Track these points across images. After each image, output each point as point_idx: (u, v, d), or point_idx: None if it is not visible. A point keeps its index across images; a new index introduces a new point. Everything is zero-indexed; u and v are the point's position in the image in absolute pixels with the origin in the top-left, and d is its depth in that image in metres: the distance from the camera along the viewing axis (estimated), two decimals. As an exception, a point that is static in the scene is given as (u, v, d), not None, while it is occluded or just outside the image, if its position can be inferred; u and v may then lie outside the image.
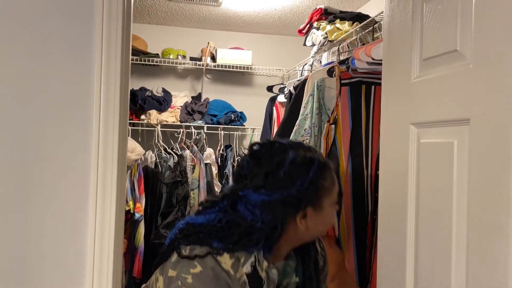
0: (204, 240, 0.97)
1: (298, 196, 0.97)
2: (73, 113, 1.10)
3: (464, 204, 0.86)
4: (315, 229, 1.03)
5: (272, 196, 0.96)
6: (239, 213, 0.99)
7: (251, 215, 0.97)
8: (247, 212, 0.98)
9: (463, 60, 0.88)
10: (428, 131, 0.99)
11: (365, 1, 2.88)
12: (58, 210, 1.09)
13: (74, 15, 1.11)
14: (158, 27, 3.50)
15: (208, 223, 0.99)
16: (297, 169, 0.98)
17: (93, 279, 1.07)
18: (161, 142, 3.15)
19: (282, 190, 0.96)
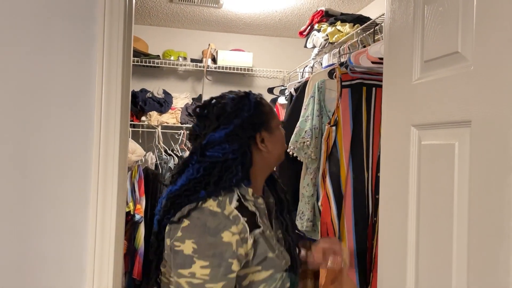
0: (192, 196, 1.06)
1: (250, 119, 1.14)
2: (74, 115, 1.10)
3: (465, 206, 0.85)
4: (275, 150, 1.19)
5: (231, 126, 1.12)
6: (211, 156, 1.11)
7: (221, 151, 1.10)
8: (217, 151, 1.11)
9: (464, 62, 0.88)
10: (429, 133, 0.99)
11: (366, 3, 2.88)
12: (59, 211, 1.09)
13: (75, 17, 1.11)
14: (159, 29, 3.50)
15: (190, 179, 1.09)
16: (240, 101, 1.15)
17: (93, 280, 1.07)
18: (161, 144, 3.15)
19: (236, 119, 1.12)
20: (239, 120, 1.12)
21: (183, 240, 1.01)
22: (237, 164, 1.10)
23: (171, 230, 1.04)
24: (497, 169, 0.77)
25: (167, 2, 2.96)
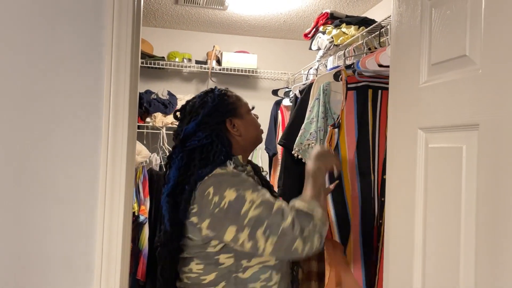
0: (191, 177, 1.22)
1: (215, 108, 1.32)
2: (83, 116, 1.11)
3: (473, 210, 0.85)
4: (248, 132, 1.38)
5: (199, 117, 1.30)
6: (190, 147, 1.28)
7: (196, 139, 1.27)
8: (193, 140, 1.28)
9: (472, 65, 0.89)
10: (436, 136, 0.99)
11: (371, 6, 2.89)
12: (67, 212, 1.10)
13: (84, 20, 1.12)
14: (164, 31, 3.51)
15: (178, 169, 1.26)
16: (205, 95, 1.36)
17: (100, 280, 1.07)
18: (166, 145, 3.15)
19: (202, 110, 1.31)
20: (206, 110, 1.31)
21: (222, 196, 1.16)
22: (217, 145, 1.27)
23: (201, 209, 1.18)
24: (505, 173, 0.77)
25: (172, 4, 2.97)
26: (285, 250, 1.14)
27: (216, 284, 1.20)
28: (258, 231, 1.13)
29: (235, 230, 1.14)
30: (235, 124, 1.35)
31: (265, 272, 1.23)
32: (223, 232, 1.16)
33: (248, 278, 1.21)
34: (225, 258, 1.20)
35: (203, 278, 1.21)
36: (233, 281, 1.20)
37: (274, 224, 1.14)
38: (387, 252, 1.17)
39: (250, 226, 1.13)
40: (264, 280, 1.23)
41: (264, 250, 1.14)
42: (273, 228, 1.13)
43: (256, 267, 1.22)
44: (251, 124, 1.40)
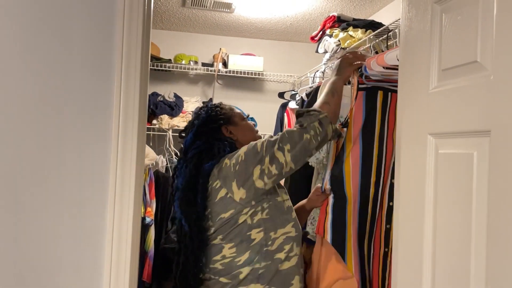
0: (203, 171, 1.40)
1: (209, 118, 1.51)
2: (93, 120, 1.12)
3: (484, 217, 0.85)
4: (245, 136, 1.53)
5: (194, 127, 1.50)
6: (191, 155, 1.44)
7: (196, 148, 1.45)
8: (193, 149, 1.45)
9: (483, 71, 0.88)
10: (446, 141, 0.99)
11: (378, 9, 2.88)
12: (77, 214, 1.11)
13: (94, 24, 1.13)
14: (171, 33, 3.53)
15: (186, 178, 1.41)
16: (200, 110, 1.57)
17: (110, 284, 1.08)
18: (172, 147, 3.16)
19: (196, 121, 1.52)
20: (200, 120, 1.51)
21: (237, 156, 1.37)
22: (218, 144, 1.44)
23: (224, 179, 1.35)
24: (517, 180, 0.77)
25: (179, 7, 2.98)
26: (300, 146, 1.32)
27: (250, 262, 1.33)
28: (274, 149, 1.32)
29: (259, 167, 1.32)
30: (231, 130, 1.52)
31: (288, 243, 1.37)
32: (251, 176, 1.32)
33: (275, 250, 1.35)
34: (256, 232, 1.34)
35: (237, 260, 1.33)
36: (263, 255, 1.33)
37: (283, 137, 1.34)
38: (395, 258, 1.17)
39: (267, 152, 1.33)
40: (287, 251, 1.36)
41: (286, 161, 1.32)
42: (283, 139, 1.34)
43: (281, 238, 1.36)
44: (246, 129, 1.57)
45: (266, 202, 1.37)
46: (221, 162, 1.40)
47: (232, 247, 1.34)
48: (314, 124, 1.34)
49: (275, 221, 1.37)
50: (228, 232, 1.35)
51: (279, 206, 1.40)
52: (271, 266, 1.34)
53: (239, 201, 1.34)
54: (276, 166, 1.33)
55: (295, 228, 1.41)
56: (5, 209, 1.09)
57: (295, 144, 1.32)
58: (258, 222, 1.35)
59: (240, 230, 1.34)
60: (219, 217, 1.35)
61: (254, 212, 1.35)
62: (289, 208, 1.43)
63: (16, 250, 1.09)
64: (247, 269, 1.32)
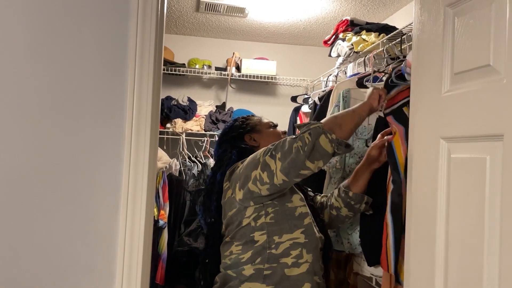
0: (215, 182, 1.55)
1: (231, 129, 1.65)
2: (107, 123, 1.14)
3: (497, 222, 0.84)
4: (268, 141, 1.56)
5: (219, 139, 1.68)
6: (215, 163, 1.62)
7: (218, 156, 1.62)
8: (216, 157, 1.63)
9: (496, 75, 0.87)
10: (459, 146, 0.98)
11: (391, 12, 2.87)
12: (90, 216, 1.13)
13: (109, 26, 1.15)
14: (185, 38, 3.57)
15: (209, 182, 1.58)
16: (227, 124, 1.71)
17: (122, 285, 1.09)
18: (185, 150, 3.19)
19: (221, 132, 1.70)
20: (222, 131, 1.68)
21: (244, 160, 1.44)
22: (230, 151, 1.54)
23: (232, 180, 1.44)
24: (531, 185, 0.76)
25: (193, 12, 3.02)
26: (288, 156, 1.30)
27: (253, 261, 1.37)
28: (266, 157, 1.35)
29: (255, 171, 1.36)
30: (254, 138, 1.62)
31: (296, 249, 1.38)
32: (249, 179, 1.36)
33: (280, 254, 1.36)
34: (259, 235, 1.38)
35: (241, 257, 1.39)
36: (266, 256, 1.36)
37: (277, 145, 1.36)
38: (407, 264, 1.16)
39: (262, 157, 1.36)
40: (295, 256, 1.37)
41: (276, 169, 1.32)
42: (276, 147, 1.35)
43: (287, 243, 1.37)
44: (270, 135, 1.63)
45: (272, 207, 1.40)
46: (235, 165, 1.49)
47: (238, 245, 1.41)
48: (304, 135, 1.31)
49: (281, 226, 1.39)
50: (235, 232, 1.43)
51: (288, 211, 1.41)
52: (277, 269, 1.36)
53: (238, 201, 1.41)
54: (267, 174, 1.33)
55: (305, 234, 1.40)
56: (19, 211, 1.11)
57: (285, 153, 1.32)
58: (261, 225, 1.39)
59: (245, 231, 1.41)
60: (227, 215, 1.45)
61: (258, 215, 1.40)
62: (302, 215, 1.43)
63: (30, 251, 1.12)
64: (250, 267, 1.37)
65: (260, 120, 1.69)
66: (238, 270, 1.39)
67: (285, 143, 1.34)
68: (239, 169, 1.44)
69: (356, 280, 2.07)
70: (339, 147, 1.32)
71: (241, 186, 1.40)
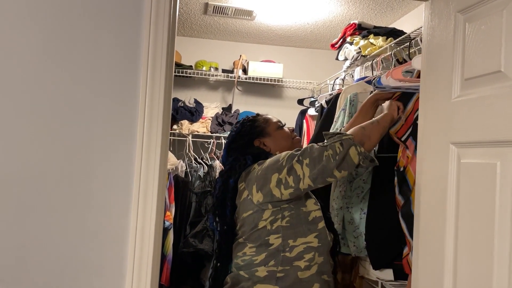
0: None
1: (239, 135, 1.60)
2: (119, 124, 1.15)
3: (507, 228, 0.84)
4: (278, 145, 1.58)
5: (227, 145, 1.64)
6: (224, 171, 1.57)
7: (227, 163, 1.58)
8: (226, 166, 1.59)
9: (507, 81, 0.88)
10: (469, 151, 0.98)
11: (399, 16, 2.87)
12: (101, 218, 1.14)
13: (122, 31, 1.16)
14: (192, 40, 3.58)
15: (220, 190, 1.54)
16: (234, 126, 1.67)
17: (132, 285, 1.10)
18: (192, 152, 3.20)
19: (228, 140, 1.64)
20: (230, 139, 1.63)
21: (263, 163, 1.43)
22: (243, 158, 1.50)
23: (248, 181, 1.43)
24: (542, 191, 0.76)
25: (201, 14, 3.03)
26: (318, 163, 1.32)
27: (266, 263, 1.38)
28: (293, 162, 1.35)
29: (277, 175, 1.36)
30: (264, 142, 1.59)
31: (309, 252, 1.39)
32: (269, 183, 1.37)
33: (294, 257, 1.38)
34: (274, 238, 1.39)
35: (255, 259, 1.40)
36: (280, 259, 1.38)
37: (304, 151, 1.37)
38: (415, 268, 1.16)
39: (287, 162, 1.36)
40: (308, 260, 1.38)
41: (304, 175, 1.34)
42: (304, 153, 1.36)
43: (301, 247, 1.39)
44: (279, 138, 1.61)
45: (288, 211, 1.41)
46: (251, 167, 1.48)
47: (253, 247, 1.42)
48: (335, 144, 1.34)
49: (296, 229, 1.40)
50: (250, 234, 1.43)
51: (302, 216, 1.42)
52: (290, 272, 1.37)
53: (256, 203, 1.41)
54: (293, 178, 1.35)
55: (318, 238, 1.42)
56: (31, 211, 1.12)
57: (314, 159, 1.33)
58: (277, 228, 1.40)
59: (260, 234, 1.41)
60: (241, 216, 1.45)
61: (274, 219, 1.40)
62: (316, 219, 1.44)
63: (41, 251, 1.13)
64: (263, 269, 1.38)
65: (267, 121, 1.65)
66: (251, 271, 1.40)
67: (313, 150, 1.36)
68: (257, 171, 1.43)
69: (362, 283, 2.07)
70: (364, 161, 1.35)
71: (259, 188, 1.40)
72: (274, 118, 1.68)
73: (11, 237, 1.12)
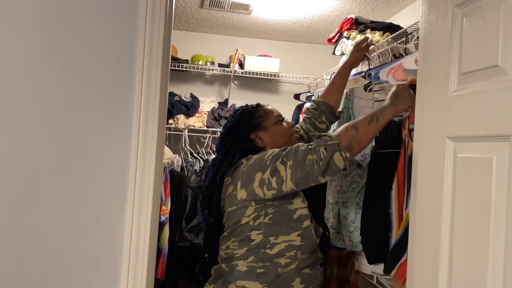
0: None
1: (235, 126, 1.57)
2: (115, 118, 1.15)
3: (502, 222, 0.84)
4: (275, 141, 1.55)
5: (221, 136, 1.59)
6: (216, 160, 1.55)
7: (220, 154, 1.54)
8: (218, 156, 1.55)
9: (504, 75, 0.88)
10: (465, 145, 0.98)
11: (396, 11, 2.87)
12: (97, 212, 1.13)
13: (118, 24, 1.15)
14: (189, 33, 3.56)
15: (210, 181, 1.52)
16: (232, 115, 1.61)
17: (128, 278, 1.10)
18: (187, 147, 3.19)
19: (224, 129, 1.60)
20: (226, 129, 1.59)
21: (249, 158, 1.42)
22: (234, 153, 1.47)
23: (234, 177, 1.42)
24: (538, 185, 0.76)
25: (197, 8, 3.01)
26: (301, 167, 1.29)
27: (246, 258, 1.39)
28: (277, 163, 1.33)
29: (261, 174, 1.34)
30: (260, 136, 1.55)
31: (290, 251, 1.38)
32: (252, 181, 1.35)
33: (274, 254, 1.38)
34: (256, 234, 1.39)
35: (236, 252, 1.41)
36: (261, 255, 1.38)
37: (289, 152, 1.34)
38: (411, 264, 1.17)
39: (270, 162, 1.34)
40: (289, 257, 1.38)
41: (286, 177, 1.31)
42: (288, 154, 1.33)
43: (283, 244, 1.38)
44: (277, 134, 1.57)
45: (272, 208, 1.40)
46: (240, 161, 1.46)
47: (235, 241, 1.43)
48: (319, 148, 1.29)
49: (278, 227, 1.39)
50: (233, 228, 1.44)
51: (287, 214, 1.41)
52: (270, 268, 1.38)
53: (239, 199, 1.40)
54: (276, 180, 1.32)
55: (301, 237, 1.40)
56: (27, 206, 1.12)
57: (297, 163, 1.30)
58: (259, 225, 1.39)
59: (242, 229, 1.41)
60: (227, 210, 1.46)
61: (257, 215, 1.40)
62: (301, 217, 1.42)
63: (37, 245, 1.12)
64: (243, 264, 1.39)
65: (267, 113, 1.59)
66: (232, 265, 1.41)
67: (298, 152, 1.32)
68: (243, 167, 1.42)
69: (357, 277, 2.08)
70: (351, 165, 1.31)
71: (243, 185, 1.39)
72: (275, 111, 1.62)
73: (7, 232, 1.12)
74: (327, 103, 1.82)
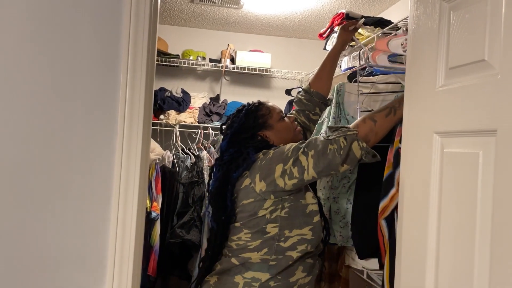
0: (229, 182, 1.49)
1: (242, 127, 1.55)
2: (99, 114, 1.13)
3: (488, 217, 0.84)
4: (281, 139, 1.55)
5: (228, 136, 1.56)
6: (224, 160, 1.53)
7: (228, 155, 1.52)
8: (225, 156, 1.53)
9: (491, 70, 0.88)
10: (452, 140, 0.98)
11: (387, 6, 2.86)
12: (82, 208, 1.12)
13: (101, 18, 1.13)
14: (179, 28, 3.53)
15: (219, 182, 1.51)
16: (236, 114, 1.61)
17: (113, 276, 1.09)
18: (179, 142, 3.17)
19: (230, 130, 1.57)
20: (233, 129, 1.56)
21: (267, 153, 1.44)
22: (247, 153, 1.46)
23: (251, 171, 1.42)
24: (523, 180, 0.76)
25: (187, 3, 2.99)
26: (323, 156, 1.33)
27: (259, 250, 1.41)
28: (299, 153, 1.37)
29: (282, 166, 1.37)
30: (266, 135, 1.56)
31: (302, 244, 1.42)
32: (273, 173, 1.37)
33: (287, 247, 1.41)
34: (272, 227, 1.41)
35: (249, 244, 1.42)
36: (274, 248, 1.40)
37: (309, 143, 1.38)
38: (399, 258, 1.17)
39: (292, 154, 1.37)
40: (300, 251, 1.42)
41: (308, 166, 1.35)
42: (309, 145, 1.38)
43: (296, 238, 1.41)
44: (282, 131, 1.59)
45: (288, 202, 1.43)
46: (256, 155, 1.48)
47: (248, 233, 1.43)
48: (339, 139, 1.35)
49: (293, 221, 1.42)
50: (247, 220, 1.44)
51: (301, 208, 1.45)
52: (282, 261, 1.41)
53: (258, 192, 1.41)
54: (298, 169, 1.37)
55: (312, 232, 1.45)
56: (11, 203, 1.10)
57: (318, 152, 1.35)
58: (276, 218, 1.42)
59: (258, 221, 1.42)
60: (241, 202, 1.45)
61: (275, 209, 1.42)
62: (312, 212, 1.47)
63: (22, 241, 1.11)
64: (257, 256, 1.41)
65: (270, 111, 1.60)
66: (244, 258, 1.43)
67: (318, 143, 1.37)
68: (261, 160, 1.44)
69: (348, 272, 2.08)
70: (367, 155, 1.36)
71: (262, 177, 1.40)
72: (276, 107, 1.65)
73: (-12, 229, 1.10)
74: (320, 94, 1.83)
